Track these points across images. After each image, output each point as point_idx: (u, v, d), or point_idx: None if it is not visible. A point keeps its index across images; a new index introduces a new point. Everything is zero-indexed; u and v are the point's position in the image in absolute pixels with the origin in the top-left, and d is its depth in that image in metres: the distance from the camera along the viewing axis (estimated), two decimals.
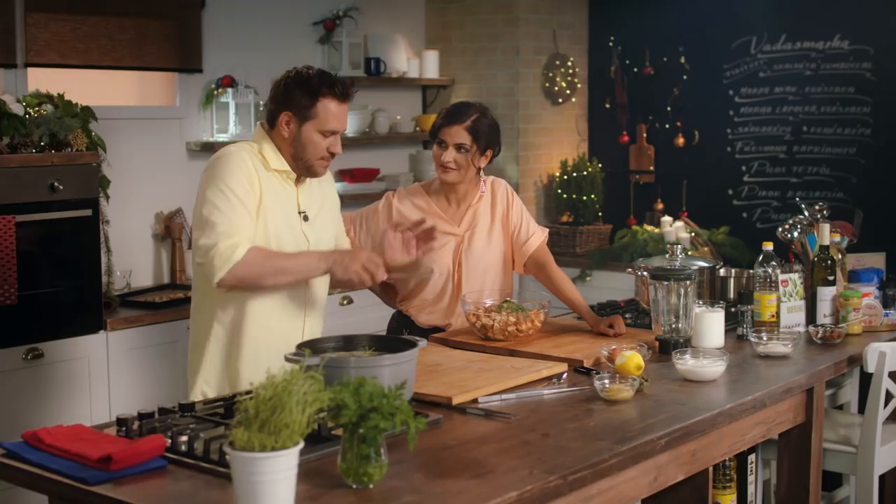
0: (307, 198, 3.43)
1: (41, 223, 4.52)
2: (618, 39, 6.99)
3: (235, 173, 3.21)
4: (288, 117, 3.30)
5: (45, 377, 4.54)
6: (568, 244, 6.77)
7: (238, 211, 3.19)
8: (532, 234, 4.03)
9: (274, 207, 3.30)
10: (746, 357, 3.59)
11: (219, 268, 3.14)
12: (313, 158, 3.32)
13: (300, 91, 3.29)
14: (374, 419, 2.27)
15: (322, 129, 3.29)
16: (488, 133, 3.87)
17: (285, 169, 3.34)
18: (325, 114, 3.28)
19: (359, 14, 6.50)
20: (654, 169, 6.93)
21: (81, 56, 5.28)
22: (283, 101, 3.32)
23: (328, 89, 3.29)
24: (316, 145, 3.30)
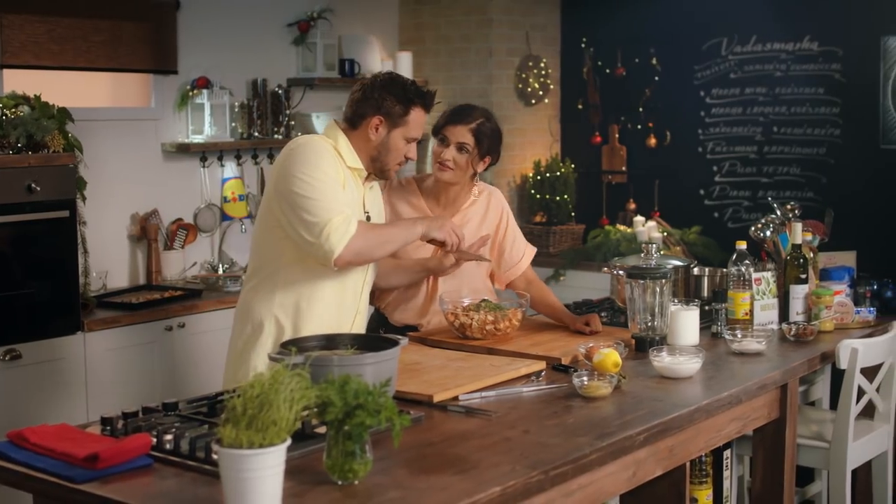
0: (371, 199, 3.54)
1: (18, 224, 4.52)
2: (590, 40, 7.05)
3: (327, 160, 3.32)
4: (379, 122, 3.39)
5: (23, 378, 4.53)
6: (541, 244, 6.80)
7: (336, 192, 3.28)
8: (522, 257, 4.05)
9: (349, 201, 3.38)
10: (721, 354, 3.64)
11: (337, 243, 3.20)
12: (392, 163, 3.45)
13: (394, 98, 3.40)
14: (360, 416, 2.31)
15: (408, 137, 3.44)
16: (491, 138, 3.87)
17: (359, 167, 3.44)
18: (413, 123, 3.44)
19: (333, 15, 6.52)
20: (627, 169, 6.98)
21: (56, 57, 5.28)
22: (375, 105, 3.40)
23: (420, 100, 3.44)
24: (399, 151, 3.44)
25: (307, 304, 3.39)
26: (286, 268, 3.38)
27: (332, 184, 3.28)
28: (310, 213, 3.22)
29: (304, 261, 3.34)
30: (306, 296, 3.39)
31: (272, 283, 3.40)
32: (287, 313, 3.39)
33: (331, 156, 3.34)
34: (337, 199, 3.26)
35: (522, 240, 4.11)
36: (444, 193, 3.96)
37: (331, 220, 3.21)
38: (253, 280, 3.47)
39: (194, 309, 5.17)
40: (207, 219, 5.93)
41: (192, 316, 5.15)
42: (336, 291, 3.43)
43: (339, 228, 3.21)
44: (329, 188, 3.26)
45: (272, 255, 3.41)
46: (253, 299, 3.44)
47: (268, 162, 6.30)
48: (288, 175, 3.28)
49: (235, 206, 6.09)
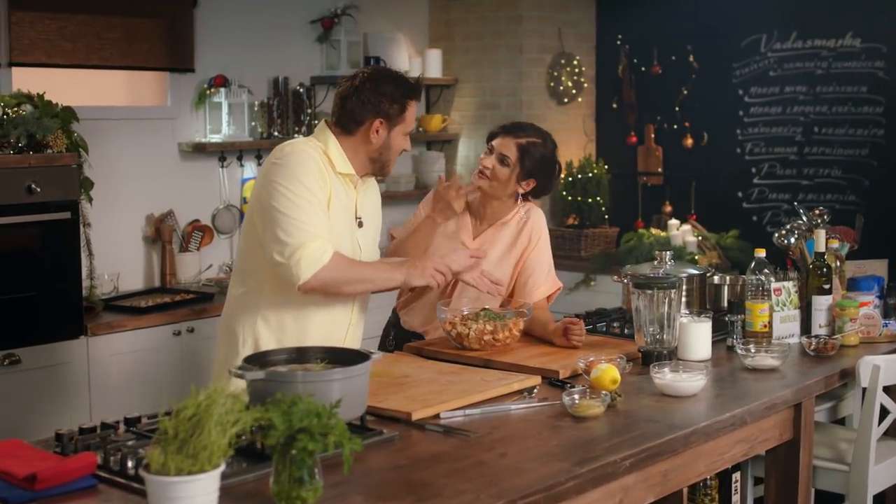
0: (363, 204, 3.37)
1: (18, 226, 4.42)
2: (625, 38, 6.82)
3: (309, 171, 3.14)
4: (380, 124, 3.25)
5: (22, 383, 4.43)
6: (573, 248, 6.61)
7: (317, 211, 3.12)
8: (537, 289, 3.83)
9: (337, 210, 3.23)
10: (734, 370, 3.42)
11: (305, 269, 3.06)
12: (393, 160, 3.34)
13: (389, 98, 3.24)
14: (303, 440, 2.13)
15: (406, 132, 3.31)
16: (538, 161, 3.71)
17: (350, 173, 3.27)
18: (410, 117, 3.31)
19: (359, 13, 6.37)
20: (663, 170, 6.75)
21: (68, 55, 5.17)
22: (374, 108, 3.24)
23: (413, 93, 3.29)
24: (399, 147, 3.32)
25: (293, 319, 3.24)
26: (273, 281, 3.20)
27: (315, 202, 3.12)
28: (285, 231, 3.07)
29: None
30: (293, 311, 3.24)
31: (257, 295, 3.24)
32: (271, 328, 3.24)
33: (316, 168, 3.16)
34: (315, 221, 3.09)
35: (548, 271, 3.89)
36: (483, 208, 3.82)
37: (304, 245, 3.06)
38: (238, 289, 3.31)
39: (204, 313, 5.04)
40: (226, 220, 5.81)
41: (201, 320, 5.02)
42: (324, 305, 3.26)
43: (312, 255, 3.06)
44: (310, 207, 3.10)
45: (258, 266, 3.25)
46: (237, 311, 3.30)
47: None
48: (270, 187, 3.13)
49: None
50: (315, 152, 3.20)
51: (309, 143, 3.25)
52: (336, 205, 3.22)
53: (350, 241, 3.28)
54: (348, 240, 3.27)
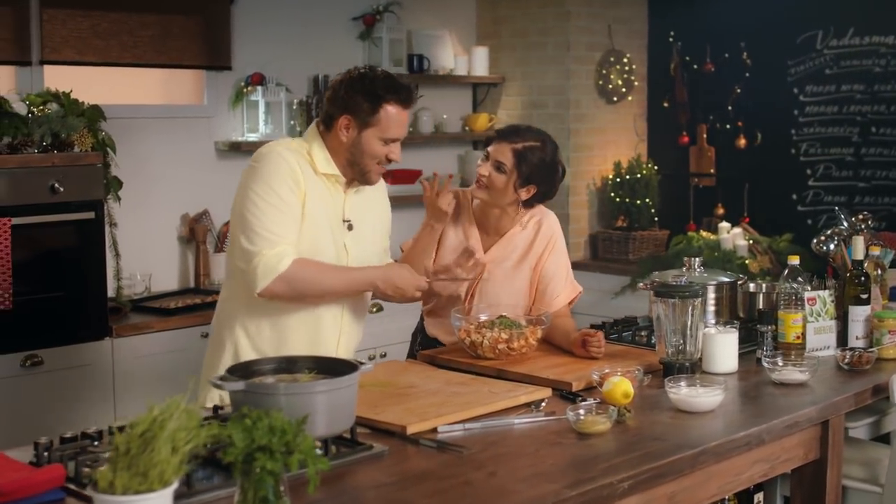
0: (355, 206, 3.23)
1: (41, 226, 4.36)
2: (678, 35, 6.61)
3: (281, 175, 3.05)
4: (347, 122, 3.10)
5: (44, 385, 4.38)
6: (620, 251, 6.43)
7: (284, 216, 3.03)
8: (558, 297, 3.70)
9: (317, 213, 3.11)
10: (760, 384, 3.24)
11: (262, 277, 3.00)
12: (370, 165, 3.14)
13: (363, 95, 3.09)
14: (261, 459, 2.01)
15: (384, 137, 3.11)
16: (537, 167, 3.55)
17: (334, 173, 3.15)
18: (387, 121, 3.09)
19: (404, 10, 6.26)
20: (715, 171, 6.54)
21: (101, 53, 5.12)
22: (343, 104, 3.11)
23: (392, 95, 3.09)
24: (375, 152, 3.12)
25: (271, 326, 3.15)
26: (247, 287, 3.09)
27: (283, 207, 3.02)
28: (248, 238, 3.02)
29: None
30: (270, 318, 3.14)
31: (237, 301, 3.15)
32: (250, 335, 3.15)
33: (288, 171, 3.05)
34: (279, 228, 3.01)
35: (566, 276, 3.75)
36: (486, 218, 3.69)
37: (262, 252, 3.00)
38: (223, 294, 3.24)
39: None
40: None
41: None
42: (309, 313, 3.16)
43: (269, 263, 2.99)
44: (276, 213, 3.01)
45: (236, 271, 3.15)
46: (220, 317, 3.22)
47: None
48: (242, 191, 3.09)
49: None
50: (291, 154, 3.09)
51: (289, 143, 3.15)
52: (317, 206, 3.11)
53: (335, 243, 3.16)
54: (331, 242, 3.15)
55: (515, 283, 3.64)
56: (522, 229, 3.69)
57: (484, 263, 3.61)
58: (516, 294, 3.65)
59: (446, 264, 3.62)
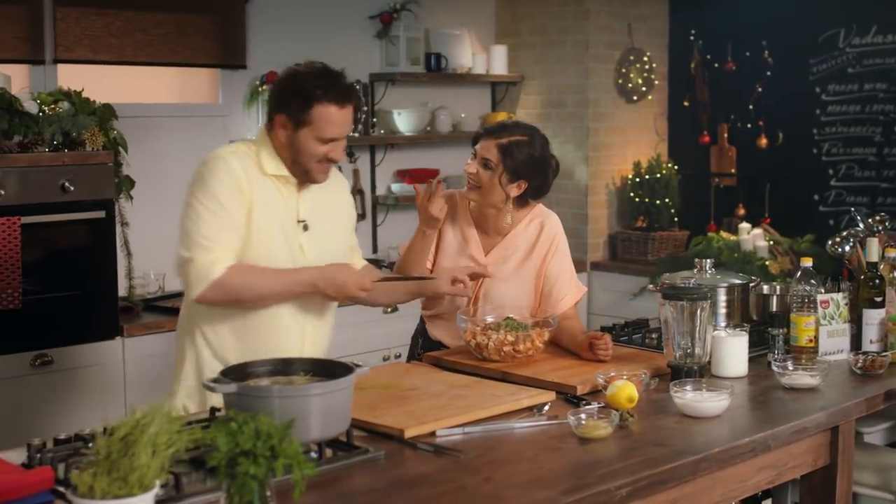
0: (310, 205, 3.15)
1: (51, 225, 4.36)
2: (699, 33, 6.54)
3: (222, 180, 2.98)
4: (283, 121, 3.03)
5: (54, 384, 4.37)
6: (639, 251, 6.37)
7: (221, 223, 2.96)
8: (562, 298, 3.64)
9: (267, 216, 3.04)
10: (770, 389, 3.17)
11: (196, 284, 2.95)
12: (310, 164, 3.05)
13: (295, 95, 3.01)
14: (244, 464, 1.97)
15: (319, 136, 3.01)
16: (525, 162, 3.47)
17: (283, 174, 3.08)
18: (320, 121, 2.99)
19: (421, 9, 6.22)
20: (736, 171, 6.46)
21: (114, 52, 5.11)
22: (277, 103, 3.05)
23: (325, 94, 2.99)
24: (312, 152, 3.03)
25: (231, 334, 3.08)
26: None
27: (222, 214, 2.96)
28: (184, 245, 2.98)
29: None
30: (233, 324, 3.08)
31: (197, 309, 3.08)
32: (211, 344, 3.10)
33: (229, 177, 2.97)
34: (215, 235, 2.95)
35: (570, 277, 3.68)
36: (483, 219, 3.62)
37: (195, 259, 2.95)
38: (184, 302, 3.19)
39: None
40: None
41: None
42: (270, 318, 3.08)
43: (201, 270, 2.93)
44: (214, 220, 2.95)
45: None
46: (181, 326, 3.19)
47: (346, 161, 6.04)
48: (186, 197, 3.04)
49: None
50: (236, 159, 3.02)
51: (237, 147, 3.09)
52: (265, 209, 3.04)
53: (288, 245, 3.08)
54: (284, 245, 3.07)
55: (518, 284, 3.59)
56: (525, 228, 3.63)
57: (485, 266, 3.56)
58: (519, 295, 3.60)
59: (446, 266, 3.57)
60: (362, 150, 6.12)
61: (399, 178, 6.23)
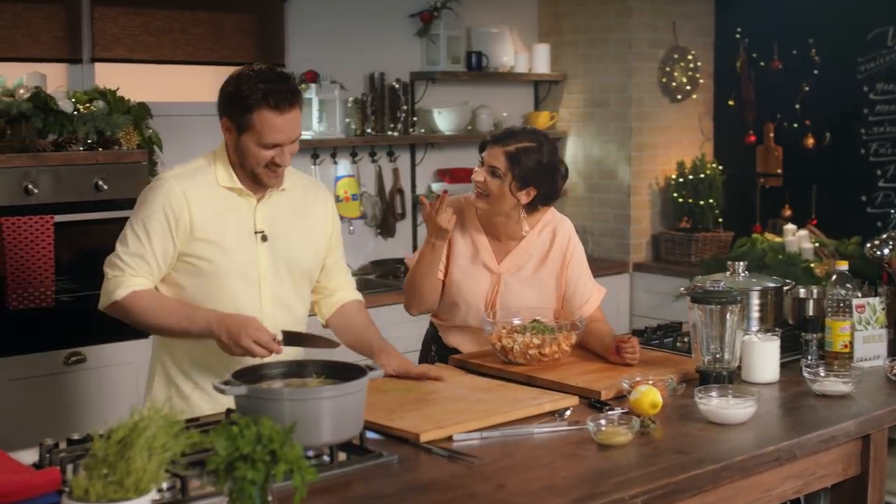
0: (272, 216, 3.06)
1: (85, 223, 4.37)
2: (745, 31, 6.43)
3: (153, 208, 2.96)
4: (227, 125, 2.97)
5: (87, 382, 4.39)
6: (682, 252, 6.28)
7: (139, 250, 2.97)
8: (586, 301, 3.59)
9: (216, 229, 2.99)
10: (801, 395, 3.09)
11: (102, 298, 3.03)
12: (256, 168, 2.96)
13: (235, 100, 2.92)
14: (242, 469, 1.94)
15: (260, 142, 2.91)
16: (534, 168, 3.39)
17: (237, 186, 3.01)
18: (261, 126, 2.89)
19: (462, 7, 6.19)
20: (782, 172, 6.34)
21: (152, 51, 5.12)
22: (221, 106, 2.99)
23: (262, 99, 2.87)
24: (256, 157, 2.93)
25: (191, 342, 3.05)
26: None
27: (143, 240, 2.95)
28: (108, 258, 3.02)
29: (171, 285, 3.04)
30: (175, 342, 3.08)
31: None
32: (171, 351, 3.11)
33: (164, 205, 2.94)
34: (129, 259, 2.96)
35: (589, 280, 3.63)
36: (493, 227, 3.54)
37: (107, 276, 3.00)
38: None
39: None
40: None
41: None
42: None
43: (107, 288, 3.00)
44: (135, 245, 2.96)
45: None
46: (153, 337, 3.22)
47: (386, 160, 6.02)
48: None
49: (348, 205, 5.82)
50: (179, 182, 2.97)
51: (190, 165, 3.05)
52: (217, 221, 2.98)
53: (243, 256, 3.01)
54: (238, 256, 3.01)
55: (534, 291, 3.53)
56: (538, 235, 3.56)
57: (498, 275, 3.51)
58: (536, 302, 3.53)
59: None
60: (402, 150, 6.09)
61: (439, 178, 6.19)
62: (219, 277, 3.00)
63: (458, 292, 3.54)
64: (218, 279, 3.00)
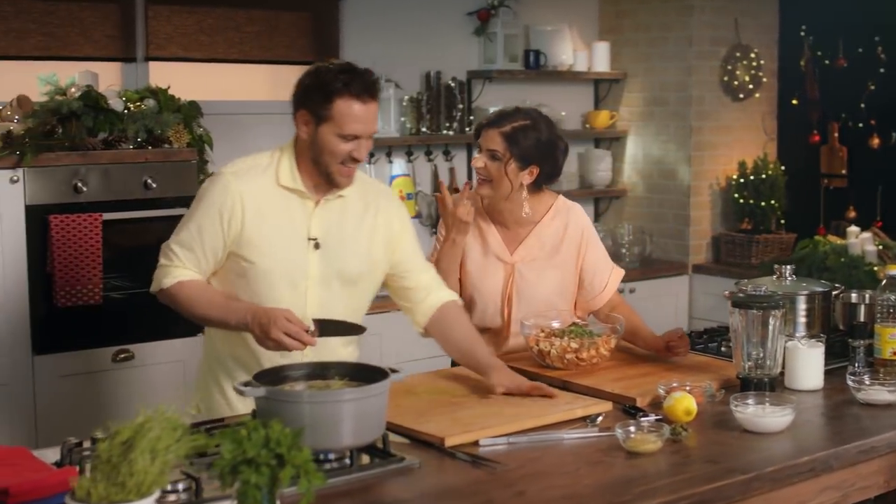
0: (326, 222, 3.01)
1: (134, 221, 4.39)
2: (809, 29, 6.28)
3: (208, 205, 2.96)
4: (305, 118, 2.93)
5: (134, 380, 4.41)
6: (742, 254, 6.16)
7: (190, 243, 2.98)
8: (606, 286, 3.54)
9: (269, 229, 2.96)
10: (844, 404, 2.99)
11: (153, 284, 3.07)
12: (332, 164, 2.91)
13: (315, 89, 2.89)
14: (246, 473, 1.92)
15: (340, 133, 2.87)
16: (533, 146, 3.33)
17: (297, 188, 2.98)
18: (341, 116, 2.85)
19: (521, 5, 6.13)
20: (847, 172, 6.19)
21: (206, 49, 5.15)
22: (299, 99, 2.95)
23: (345, 88, 2.85)
24: (335, 151, 2.89)
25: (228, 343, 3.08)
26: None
27: (195, 235, 2.96)
28: (164, 244, 3.05)
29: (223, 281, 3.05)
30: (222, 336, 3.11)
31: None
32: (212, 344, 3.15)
33: (219, 202, 2.93)
34: (179, 251, 2.98)
35: (607, 263, 3.58)
36: (500, 214, 3.48)
37: (160, 264, 3.04)
38: None
39: None
40: None
41: None
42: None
43: (157, 275, 3.04)
44: (188, 238, 2.97)
45: None
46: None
47: (442, 159, 5.98)
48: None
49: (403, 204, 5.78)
50: (237, 179, 2.94)
51: (250, 161, 3.03)
52: (272, 221, 2.95)
53: (293, 262, 2.97)
54: (287, 262, 2.97)
55: (551, 280, 3.47)
56: (550, 222, 3.50)
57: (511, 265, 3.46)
58: (552, 291, 3.48)
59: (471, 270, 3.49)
60: (458, 149, 6.05)
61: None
62: (266, 280, 2.97)
63: (475, 287, 3.49)
64: (265, 281, 2.97)
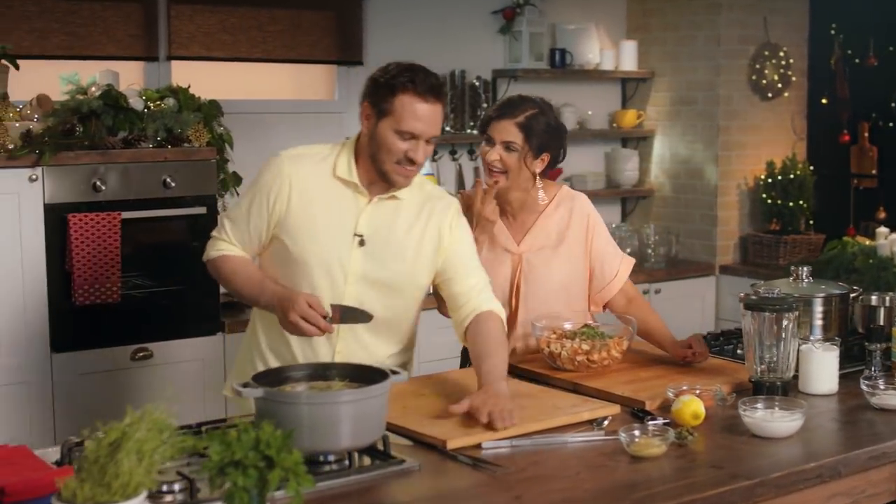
0: (376, 221, 2.98)
1: (152, 220, 4.40)
2: (839, 27, 6.20)
3: (259, 186, 3.00)
4: (368, 111, 2.94)
5: (153, 378, 4.42)
6: (769, 255, 6.09)
7: (240, 220, 3.04)
8: (616, 273, 3.50)
9: (314, 220, 2.95)
10: (860, 409, 2.94)
11: (204, 253, 3.15)
12: (388, 162, 2.89)
13: (381, 83, 2.90)
14: (233, 475, 1.91)
15: (398, 129, 2.85)
16: (545, 133, 3.32)
17: (351, 180, 2.97)
18: (401, 111, 2.84)
19: (546, 4, 6.09)
20: (878, 173, 6.11)
21: (229, 48, 5.15)
22: (366, 91, 2.97)
23: (408, 83, 2.85)
24: (391, 148, 2.87)
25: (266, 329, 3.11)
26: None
27: (245, 213, 3.01)
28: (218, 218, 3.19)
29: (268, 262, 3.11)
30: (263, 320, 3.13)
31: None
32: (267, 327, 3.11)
33: (273, 183, 2.95)
34: (229, 226, 3.06)
35: (615, 251, 3.54)
36: (508, 206, 3.45)
37: (212, 235, 3.13)
38: None
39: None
40: None
41: None
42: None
43: (208, 246, 3.13)
44: (238, 215, 3.04)
45: None
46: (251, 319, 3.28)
47: (467, 158, 5.96)
48: None
49: None
50: (293, 163, 2.99)
51: (311, 149, 3.09)
52: (321, 210, 2.95)
53: (336, 255, 2.96)
54: (328, 254, 2.95)
55: (558, 268, 3.44)
56: (554, 211, 3.46)
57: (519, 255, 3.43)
58: (559, 281, 3.45)
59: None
60: None
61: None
62: (304, 268, 2.97)
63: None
64: (305, 269, 2.97)
